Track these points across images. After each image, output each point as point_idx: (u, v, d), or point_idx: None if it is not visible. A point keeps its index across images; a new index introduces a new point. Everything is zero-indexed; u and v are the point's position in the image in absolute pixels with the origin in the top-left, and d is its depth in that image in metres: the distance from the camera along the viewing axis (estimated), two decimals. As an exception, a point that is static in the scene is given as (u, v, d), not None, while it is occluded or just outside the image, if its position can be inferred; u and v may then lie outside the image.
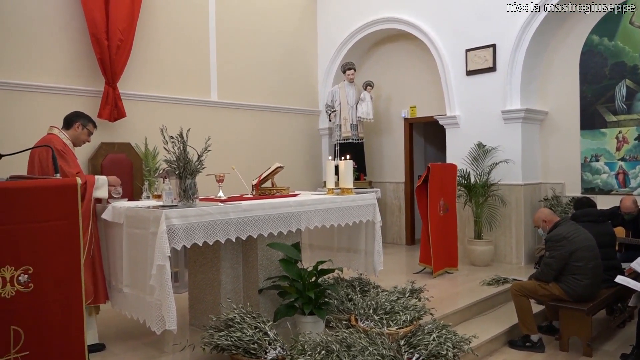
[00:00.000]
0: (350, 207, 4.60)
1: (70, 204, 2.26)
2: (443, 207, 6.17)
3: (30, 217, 2.17)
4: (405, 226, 8.40)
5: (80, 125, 4.00)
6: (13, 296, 2.15)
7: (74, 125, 3.99)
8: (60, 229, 2.24)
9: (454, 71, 7.29)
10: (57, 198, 2.24)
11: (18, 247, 2.15)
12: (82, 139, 4.05)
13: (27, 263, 2.17)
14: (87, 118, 4.08)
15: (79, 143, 4.06)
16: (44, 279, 2.21)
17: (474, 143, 6.87)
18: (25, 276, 2.17)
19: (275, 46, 8.23)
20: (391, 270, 6.11)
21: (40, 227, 2.19)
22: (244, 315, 3.53)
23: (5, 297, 2.13)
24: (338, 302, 4.19)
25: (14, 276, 2.15)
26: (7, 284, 2.13)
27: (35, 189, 2.20)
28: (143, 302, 3.50)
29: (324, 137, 8.96)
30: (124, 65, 6.19)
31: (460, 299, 5.11)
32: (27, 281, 2.18)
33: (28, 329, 2.18)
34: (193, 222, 3.45)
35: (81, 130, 4.01)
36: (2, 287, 2.12)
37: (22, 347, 2.18)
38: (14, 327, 2.15)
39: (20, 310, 2.16)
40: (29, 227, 2.17)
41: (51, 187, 2.24)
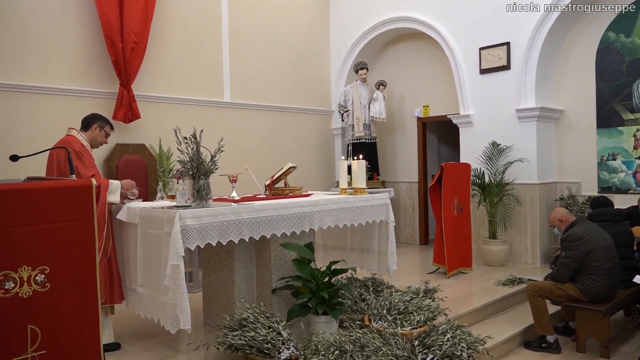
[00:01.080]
0: (364, 207, 4.59)
1: (85, 205, 2.28)
2: (457, 207, 6.13)
3: (46, 217, 2.20)
4: (418, 226, 8.36)
5: (97, 126, 4.05)
6: (30, 296, 2.17)
7: (91, 127, 4.03)
8: (75, 230, 2.26)
9: (468, 70, 7.23)
10: (72, 199, 2.26)
11: (35, 247, 2.18)
12: (99, 140, 4.09)
13: (44, 263, 2.20)
14: (104, 120, 4.12)
15: (96, 144, 4.10)
16: (60, 279, 2.23)
17: (488, 142, 6.82)
18: (42, 276, 2.20)
19: (288, 47, 8.25)
20: (405, 270, 6.09)
21: (56, 228, 2.22)
22: (258, 315, 3.55)
23: (22, 297, 2.16)
24: (351, 302, 4.19)
25: (31, 276, 2.18)
26: (25, 284, 2.16)
27: (50, 190, 2.23)
28: (157, 301, 3.53)
29: (336, 137, 8.95)
30: (138, 67, 6.24)
31: (475, 299, 5.07)
32: (43, 281, 2.20)
33: (45, 328, 2.21)
34: (206, 222, 3.46)
35: (99, 132, 4.05)
36: (20, 287, 2.15)
37: (39, 346, 2.20)
38: (31, 326, 2.18)
39: (37, 310, 2.19)
40: (45, 227, 2.19)
41: (66, 188, 2.27)
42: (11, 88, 5.45)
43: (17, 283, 2.14)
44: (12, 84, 5.44)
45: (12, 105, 5.46)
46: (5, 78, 5.42)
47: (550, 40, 6.58)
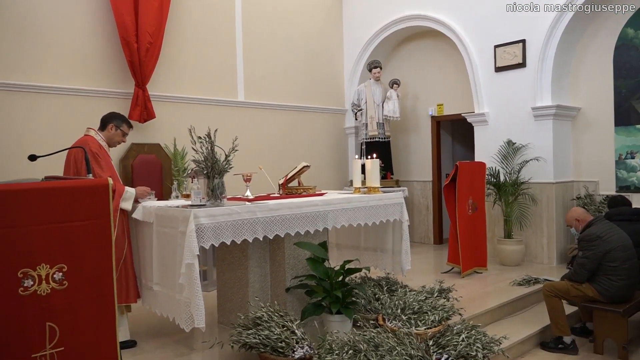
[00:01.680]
0: (378, 206, 4.57)
1: (101, 204, 2.31)
2: (472, 206, 6.09)
3: (64, 216, 2.23)
4: (432, 225, 8.32)
5: (113, 126, 4.05)
6: (48, 293, 2.21)
7: (107, 126, 4.04)
8: (92, 229, 2.29)
9: (483, 68, 7.17)
10: (89, 198, 2.29)
11: (52, 245, 2.21)
12: (116, 140, 4.09)
13: (62, 261, 2.23)
14: (121, 119, 4.11)
15: (113, 144, 4.11)
16: (77, 277, 2.26)
17: (503, 141, 6.76)
18: (59, 274, 2.23)
19: (301, 46, 8.25)
20: (419, 269, 6.06)
21: (74, 227, 2.25)
22: (272, 313, 3.55)
23: (41, 295, 2.19)
24: (365, 301, 4.18)
25: (49, 274, 2.21)
26: (43, 282, 2.19)
27: (68, 190, 2.26)
28: (172, 300, 3.56)
29: (350, 136, 8.94)
30: (153, 68, 6.30)
31: (490, 299, 5.03)
32: (61, 279, 2.23)
33: (63, 326, 2.24)
34: (221, 221, 3.48)
35: (115, 131, 4.06)
36: (38, 285, 2.19)
37: (57, 343, 2.24)
38: (50, 323, 2.21)
39: (55, 307, 2.22)
40: (63, 226, 2.22)
41: (83, 188, 2.30)
42: (28, 89, 5.53)
43: (36, 281, 2.18)
44: (29, 84, 5.52)
45: (28, 105, 5.55)
46: (23, 79, 5.50)
47: (567, 37, 6.50)
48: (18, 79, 5.47)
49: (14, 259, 2.13)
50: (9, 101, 5.41)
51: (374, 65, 8.08)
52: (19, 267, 2.14)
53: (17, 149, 5.30)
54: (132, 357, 3.64)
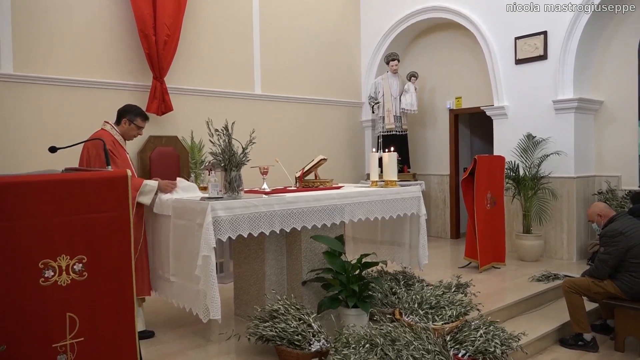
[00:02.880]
0: (395, 199, 4.55)
1: (121, 196, 2.32)
2: (490, 201, 6.03)
3: (83, 208, 2.25)
4: (450, 219, 8.26)
5: (126, 120, 3.97)
6: (68, 284, 2.23)
7: (121, 121, 3.98)
8: (112, 220, 2.31)
9: (503, 60, 7.07)
10: (108, 190, 2.30)
11: (73, 237, 2.23)
12: (131, 134, 4.02)
13: (82, 252, 2.25)
14: (134, 112, 4.00)
15: (129, 137, 4.05)
16: (97, 268, 2.28)
17: (523, 134, 6.67)
18: (79, 265, 2.25)
19: (318, 39, 8.22)
20: (436, 264, 6.03)
21: (93, 218, 2.26)
22: (288, 306, 3.56)
23: (61, 285, 2.21)
24: (382, 295, 4.17)
25: (69, 265, 2.23)
26: (63, 273, 2.22)
27: (88, 181, 2.27)
28: (189, 291, 3.58)
29: (367, 129, 8.90)
30: (171, 60, 6.32)
31: (508, 294, 4.99)
32: (81, 270, 2.26)
33: (82, 316, 2.27)
34: (238, 213, 3.49)
35: (128, 125, 3.97)
36: (59, 276, 2.21)
37: (77, 333, 2.26)
38: (70, 314, 2.24)
39: (75, 298, 2.25)
40: (83, 217, 2.24)
41: (103, 179, 2.31)
42: (47, 81, 5.59)
43: (57, 272, 2.20)
44: (47, 77, 5.58)
45: (47, 98, 5.61)
46: (41, 71, 5.57)
47: (590, 29, 6.36)
48: (37, 71, 5.53)
49: (35, 249, 2.16)
50: (28, 93, 5.48)
51: (391, 58, 8.01)
52: (40, 257, 2.17)
53: (37, 141, 5.37)
54: (150, 348, 3.68)
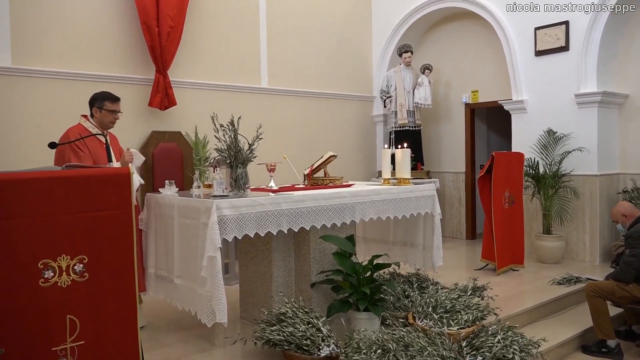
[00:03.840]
0: (408, 198, 4.54)
1: (123, 193, 2.33)
2: (508, 199, 5.99)
3: (85, 206, 2.25)
4: (465, 219, 8.23)
5: (96, 109, 3.93)
6: (69, 285, 2.24)
7: (92, 111, 3.95)
8: (114, 219, 2.31)
9: (522, 52, 7.02)
10: (110, 188, 2.31)
11: (74, 236, 2.24)
12: (106, 121, 3.95)
13: (82, 252, 2.26)
14: (100, 98, 3.96)
15: (106, 126, 3.98)
16: (98, 269, 2.29)
17: (543, 130, 6.62)
18: (80, 265, 2.26)
19: (328, 29, 8.19)
20: (451, 266, 6.00)
21: (95, 217, 2.27)
22: (297, 309, 3.56)
23: (61, 286, 2.22)
24: (394, 298, 4.16)
25: (69, 265, 2.24)
26: (63, 273, 2.23)
27: (90, 178, 2.28)
28: (194, 293, 3.59)
29: (378, 124, 8.87)
30: (174, 53, 6.33)
31: (527, 298, 4.96)
32: (82, 270, 2.27)
33: (83, 319, 2.28)
34: (244, 212, 3.49)
35: (99, 113, 3.93)
36: (59, 276, 2.22)
37: (77, 337, 2.27)
38: (70, 316, 2.25)
39: (75, 300, 2.26)
40: (84, 216, 2.25)
41: (105, 176, 2.32)
42: (46, 74, 5.61)
43: (57, 272, 2.21)
44: (46, 70, 5.60)
45: (46, 91, 5.63)
46: (40, 64, 5.59)
47: (615, 18, 6.28)
48: (36, 64, 5.56)
49: (35, 249, 2.17)
50: (26, 87, 5.51)
51: (404, 50, 7.97)
52: (40, 257, 2.18)
53: (36, 136, 5.39)
54: (153, 352, 3.69)
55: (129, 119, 6.06)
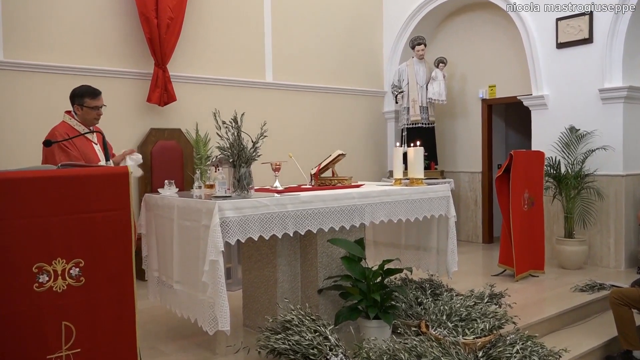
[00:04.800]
0: (421, 199, 4.54)
1: (121, 194, 2.35)
2: (528, 201, 5.98)
3: (82, 207, 2.27)
4: (482, 222, 8.22)
5: (77, 107, 3.94)
6: (64, 290, 2.26)
7: (73, 109, 3.96)
8: (112, 220, 2.33)
9: (542, 44, 6.99)
10: (108, 187, 2.33)
11: (70, 238, 2.26)
12: (89, 117, 3.96)
13: (79, 256, 2.28)
14: (79, 94, 3.96)
15: (90, 122, 3.99)
16: (95, 273, 2.31)
17: (565, 127, 6.60)
18: (76, 269, 2.28)
19: (336, 21, 8.20)
20: (466, 271, 6.01)
21: (92, 218, 2.29)
22: (303, 317, 3.57)
23: (56, 291, 2.25)
24: (406, 305, 4.16)
25: (65, 269, 2.26)
26: (59, 278, 2.25)
27: (87, 178, 2.30)
28: (195, 299, 3.61)
29: (389, 121, 8.87)
30: (174, 45, 6.36)
31: (548, 306, 4.95)
32: (78, 275, 2.29)
33: (79, 325, 2.30)
34: (248, 214, 3.51)
35: (81, 110, 3.94)
36: (54, 281, 2.24)
37: (73, 344, 2.30)
38: (66, 322, 2.27)
39: (71, 305, 2.28)
40: (81, 217, 2.27)
41: (103, 176, 2.34)
42: (39, 68, 5.65)
43: (52, 276, 2.23)
44: (39, 64, 5.64)
45: (40, 86, 5.66)
46: (33, 58, 5.62)
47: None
48: (29, 58, 5.60)
49: (29, 252, 2.19)
50: (18, 82, 5.54)
51: (417, 42, 7.97)
52: (34, 261, 2.20)
53: (29, 134, 5.43)
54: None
55: (126, 116, 6.10)
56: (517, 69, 7.62)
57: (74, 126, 3.93)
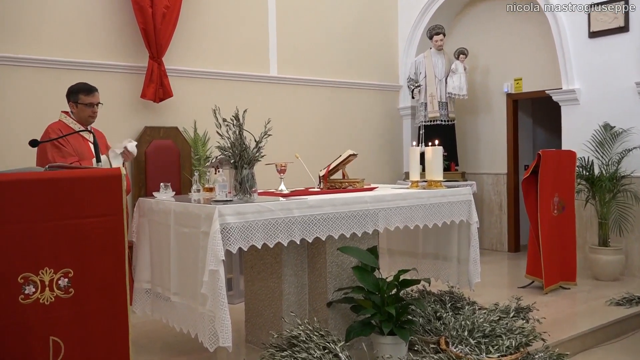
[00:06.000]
0: (440, 204, 4.53)
1: (114, 198, 2.36)
2: (558, 205, 5.97)
3: (71, 212, 2.29)
4: (507, 229, 8.20)
5: (72, 104, 4.11)
6: (52, 302, 2.28)
7: (69, 106, 4.12)
8: (103, 226, 2.35)
9: (573, 33, 6.97)
10: (100, 191, 2.35)
11: (58, 246, 2.27)
12: (84, 116, 4.13)
13: (68, 265, 2.29)
14: (74, 91, 4.14)
15: (85, 121, 4.16)
16: (86, 284, 2.33)
17: (598, 124, 6.58)
18: (65, 280, 2.30)
19: (347, 9, 8.21)
20: (490, 283, 6.01)
21: (83, 224, 2.31)
22: (311, 332, 3.57)
23: (44, 304, 2.26)
24: (424, 320, 4.16)
25: (53, 280, 2.28)
26: (46, 289, 2.27)
27: (77, 180, 2.32)
28: (194, 313, 3.61)
29: (405, 118, 8.87)
30: (170, 36, 6.39)
31: (580, 321, 4.94)
32: (67, 286, 2.30)
33: (68, 340, 2.31)
34: (251, 220, 3.51)
35: (76, 108, 4.11)
36: (41, 292, 2.26)
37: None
38: (54, 337, 2.29)
39: (60, 319, 2.29)
40: (70, 223, 2.29)
41: (94, 178, 2.35)
42: (25, 62, 5.68)
43: (38, 287, 2.25)
44: (26, 57, 5.67)
45: (23, 81, 5.69)
46: (19, 51, 5.65)
47: (684, -7, 6.23)
48: (14, 51, 5.63)
49: (14, 261, 2.21)
50: (3, 76, 5.57)
51: (435, 32, 7.97)
52: (20, 271, 2.22)
53: (15, 133, 5.47)
54: (146, 380, 3.73)
55: (118, 113, 6.12)
56: (545, 60, 7.60)
57: (69, 124, 4.08)
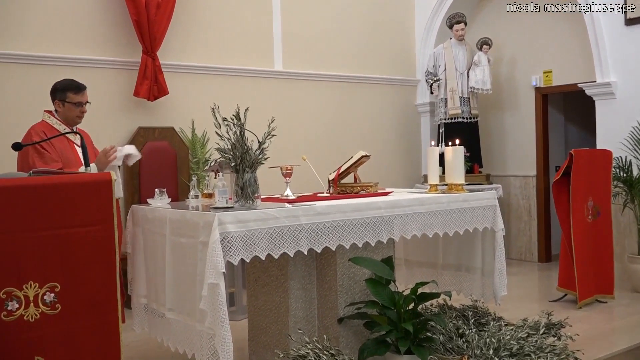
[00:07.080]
0: (462, 209, 4.52)
1: (104, 206, 2.38)
2: (592, 210, 5.95)
3: (58, 221, 2.31)
4: (537, 237, 8.19)
5: (58, 102, 4.10)
6: (37, 319, 2.30)
7: (54, 105, 4.11)
8: (93, 237, 2.36)
9: (608, 21, 6.96)
10: (89, 198, 2.36)
11: (43, 258, 2.29)
12: (72, 115, 4.13)
13: (54, 279, 2.31)
14: (61, 88, 4.13)
15: (72, 121, 4.16)
16: (73, 299, 2.34)
17: (637, 120, 6.58)
18: (51, 295, 2.31)
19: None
20: (518, 296, 6.01)
21: (70, 234, 2.32)
22: (320, 351, 3.57)
23: (28, 321, 2.28)
24: (445, 338, 4.15)
25: (38, 295, 2.30)
26: (31, 304, 2.28)
27: (64, 187, 2.34)
28: (191, 330, 3.62)
29: (423, 115, 8.88)
30: (166, 29, 6.42)
31: (618, 338, 4.95)
32: (53, 301, 2.32)
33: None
34: (254, 228, 3.52)
35: (62, 107, 4.11)
36: (25, 308, 2.28)
37: (48, 383, 2.32)
38: (39, 357, 2.30)
39: (45, 337, 2.31)
40: (57, 234, 2.30)
41: (82, 185, 2.37)
42: (9, 58, 5.74)
43: (22, 303, 2.27)
44: (9, 53, 5.73)
45: (10, 79, 5.75)
46: (4, 46, 5.71)
47: None
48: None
49: (-4, 274, 2.23)
50: (-13, 75, 5.65)
51: (456, 21, 7.98)
52: (2, 285, 2.24)
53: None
54: (141, 404, 3.75)
55: (109, 112, 6.17)
56: (577, 51, 7.60)
57: (53, 125, 4.06)
